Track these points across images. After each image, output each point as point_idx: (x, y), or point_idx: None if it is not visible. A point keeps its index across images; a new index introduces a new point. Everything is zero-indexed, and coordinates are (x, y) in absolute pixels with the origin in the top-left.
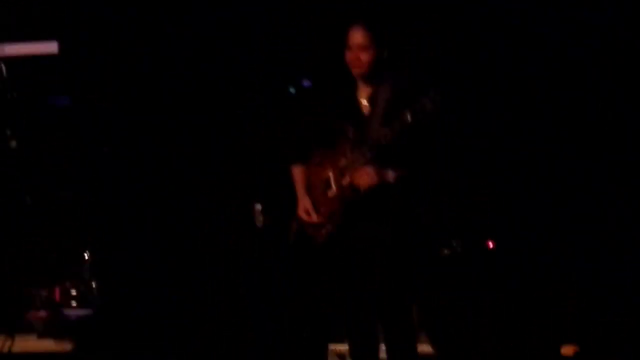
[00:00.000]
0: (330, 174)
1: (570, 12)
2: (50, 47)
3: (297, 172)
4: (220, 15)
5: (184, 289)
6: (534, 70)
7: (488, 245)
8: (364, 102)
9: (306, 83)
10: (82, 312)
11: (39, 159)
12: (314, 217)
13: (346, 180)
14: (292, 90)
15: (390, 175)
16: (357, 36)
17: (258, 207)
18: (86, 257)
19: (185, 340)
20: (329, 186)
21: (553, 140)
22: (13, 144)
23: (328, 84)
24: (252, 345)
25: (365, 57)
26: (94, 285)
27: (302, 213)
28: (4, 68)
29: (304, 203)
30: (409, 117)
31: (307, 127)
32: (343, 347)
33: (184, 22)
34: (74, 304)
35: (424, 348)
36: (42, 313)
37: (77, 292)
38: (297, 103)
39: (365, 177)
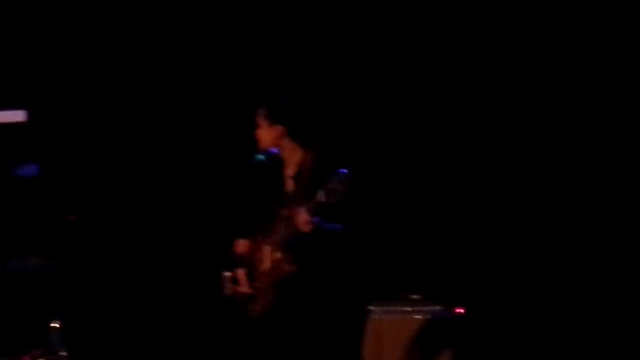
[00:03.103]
0: (266, 250)
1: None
2: (18, 116)
3: (239, 245)
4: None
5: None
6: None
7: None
8: (289, 179)
9: (275, 150)
10: None
11: (7, 228)
12: (244, 287)
13: (276, 257)
14: (260, 157)
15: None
16: (256, 116)
17: (227, 274)
18: (55, 326)
19: None
20: (263, 261)
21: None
22: None
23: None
24: None
25: (260, 135)
26: (63, 355)
27: (232, 283)
28: None
29: (239, 274)
30: (321, 197)
31: (249, 204)
32: None
33: (150, 94)
34: None
35: None
36: None
37: None
38: (248, 176)
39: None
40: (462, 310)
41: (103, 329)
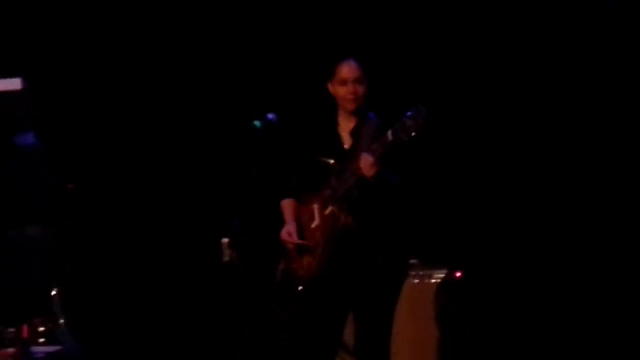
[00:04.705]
0: (315, 207)
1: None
2: (14, 84)
3: (287, 204)
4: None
5: (151, 324)
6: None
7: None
8: (346, 135)
9: (271, 116)
10: (50, 349)
11: (6, 197)
12: (296, 238)
13: (329, 211)
14: (257, 124)
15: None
16: (353, 70)
17: (225, 241)
18: (54, 294)
19: None
20: (313, 218)
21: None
22: None
23: (307, 117)
24: None
25: (362, 90)
26: (62, 322)
27: (284, 235)
28: None
29: (289, 227)
30: (390, 137)
31: (295, 164)
32: None
33: (145, 63)
34: (42, 341)
35: None
36: (11, 351)
37: (45, 329)
38: (276, 137)
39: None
40: (460, 274)
41: (103, 297)
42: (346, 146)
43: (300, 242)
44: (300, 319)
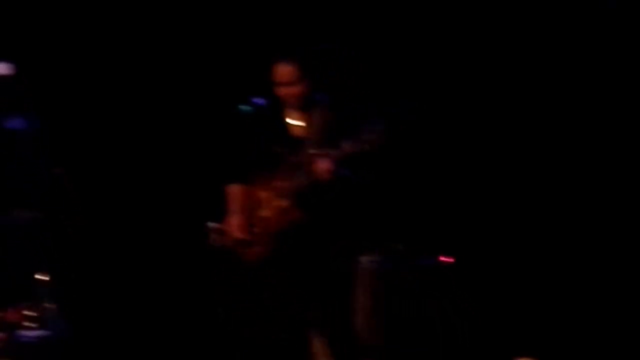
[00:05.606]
0: (265, 195)
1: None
2: (4, 69)
3: (234, 191)
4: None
5: (140, 309)
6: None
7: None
8: (295, 125)
9: (259, 100)
10: (37, 333)
11: None
12: (246, 234)
13: (280, 204)
14: (244, 108)
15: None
16: (283, 74)
17: (212, 225)
18: (42, 279)
19: None
20: (262, 207)
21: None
22: None
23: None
24: None
25: (296, 91)
26: (49, 307)
27: (235, 230)
28: None
29: (239, 219)
30: (347, 148)
31: (245, 149)
32: None
33: (135, 48)
34: (29, 325)
35: None
36: None
37: (32, 313)
38: (240, 123)
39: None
40: (448, 260)
41: (89, 282)
42: (296, 134)
43: (249, 238)
44: (260, 307)
